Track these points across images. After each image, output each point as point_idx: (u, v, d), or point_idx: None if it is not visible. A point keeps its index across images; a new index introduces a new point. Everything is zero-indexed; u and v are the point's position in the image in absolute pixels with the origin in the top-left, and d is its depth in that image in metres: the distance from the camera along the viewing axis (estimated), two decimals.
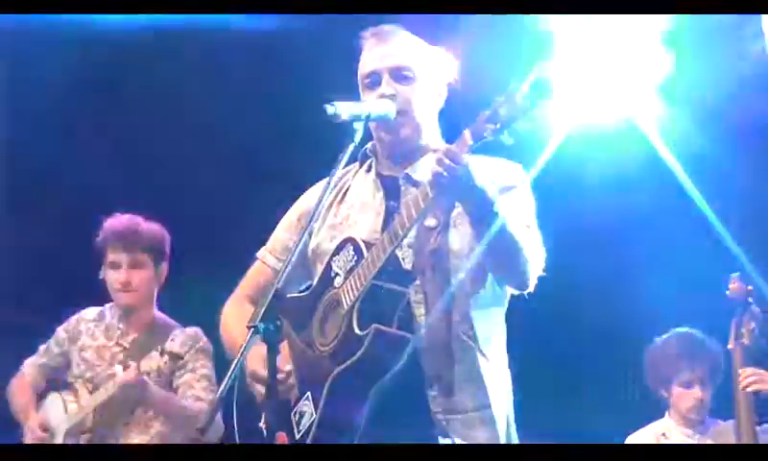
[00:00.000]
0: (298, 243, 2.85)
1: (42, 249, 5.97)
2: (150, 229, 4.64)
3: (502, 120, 2.73)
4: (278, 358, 2.80)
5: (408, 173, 3.14)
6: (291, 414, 3.03)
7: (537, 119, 2.71)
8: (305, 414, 2.99)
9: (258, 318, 2.65)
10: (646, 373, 4.78)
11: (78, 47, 5.65)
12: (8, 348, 5.21)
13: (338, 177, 3.05)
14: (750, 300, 4.55)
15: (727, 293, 4.58)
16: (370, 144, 3.24)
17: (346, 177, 3.27)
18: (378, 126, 3.13)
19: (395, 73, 3.12)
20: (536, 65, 2.71)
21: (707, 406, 4.65)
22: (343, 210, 3.22)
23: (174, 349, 4.38)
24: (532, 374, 4.00)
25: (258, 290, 3.28)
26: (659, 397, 4.76)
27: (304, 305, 3.16)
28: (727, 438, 4.53)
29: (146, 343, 4.49)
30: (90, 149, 5.95)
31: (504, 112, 2.73)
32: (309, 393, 3.01)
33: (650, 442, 4.67)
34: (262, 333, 2.63)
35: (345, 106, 2.94)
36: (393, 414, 2.95)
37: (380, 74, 3.13)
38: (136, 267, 4.60)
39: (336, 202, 3.24)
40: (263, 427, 3.09)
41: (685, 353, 4.64)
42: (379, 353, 2.89)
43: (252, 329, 2.63)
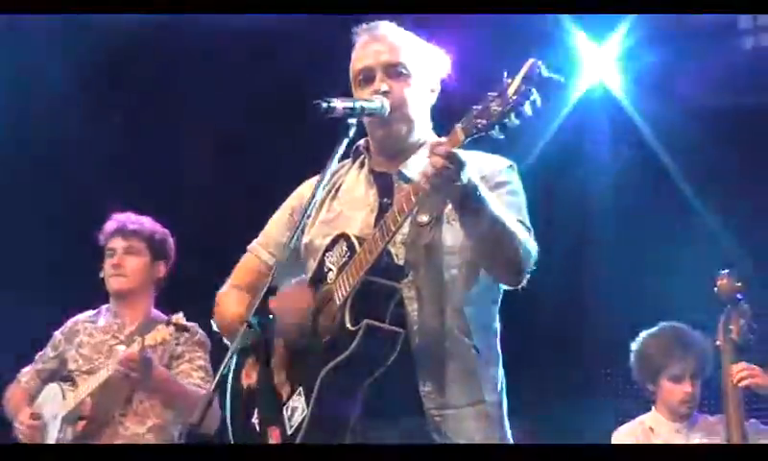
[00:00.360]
0: (291, 238, 2.85)
1: (42, 249, 5.97)
2: (153, 225, 4.64)
3: (493, 115, 2.73)
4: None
5: (401, 169, 3.14)
6: (283, 409, 3.02)
7: (527, 115, 2.71)
8: (297, 409, 2.98)
9: (251, 313, 2.66)
10: (633, 366, 4.76)
11: (77, 47, 5.64)
12: (8, 348, 5.21)
13: (331, 173, 3.07)
14: (739, 296, 4.56)
15: (715, 289, 4.59)
16: (363, 141, 3.24)
17: (339, 173, 3.27)
18: (371, 122, 3.13)
19: (388, 69, 3.12)
20: (527, 61, 2.72)
21: (696, 400, 4.65)
22: (336, 206, 3.22)
23: (180, 320, 4.30)
24: (525, 369, 4.00)
25: (250, 283, 3.28)
26: (644, 391, 4.76)
27: None
28: (716, 432, 4.54)
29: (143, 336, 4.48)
30: (90, 149, 5.95)
31: (496, 108, 2.73)
32: (301, 388, 3.00)
33: (637, 435, 4.68)
34: (256, 328, 2.65)
35: (338, 101, 2.96)
36: (385, 409, 2.95)
37: (374, 70, 3.13)
38: (131, 253, 4.59)
39: (329, 198, 3.24)
40: (256, 423, 3.10)
41: (676, 347, 4.63)
42: (372, 349, 2.88)
43: (246, 325, 2.64)
